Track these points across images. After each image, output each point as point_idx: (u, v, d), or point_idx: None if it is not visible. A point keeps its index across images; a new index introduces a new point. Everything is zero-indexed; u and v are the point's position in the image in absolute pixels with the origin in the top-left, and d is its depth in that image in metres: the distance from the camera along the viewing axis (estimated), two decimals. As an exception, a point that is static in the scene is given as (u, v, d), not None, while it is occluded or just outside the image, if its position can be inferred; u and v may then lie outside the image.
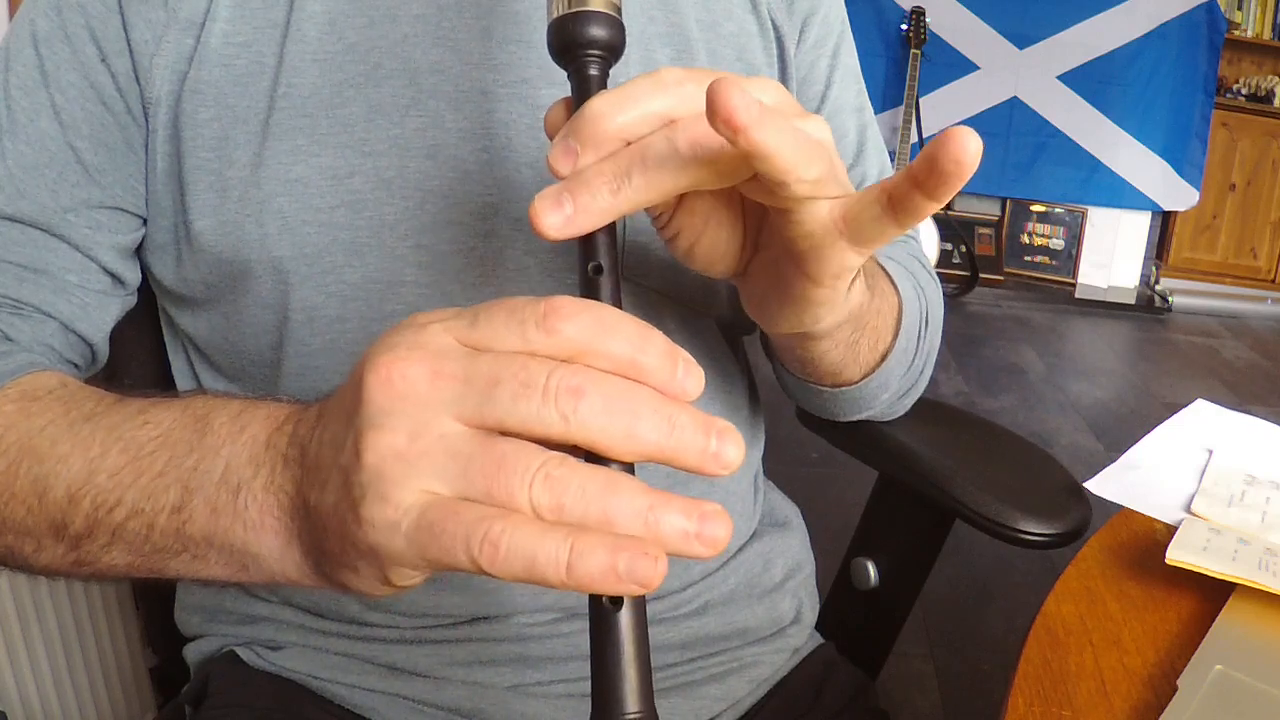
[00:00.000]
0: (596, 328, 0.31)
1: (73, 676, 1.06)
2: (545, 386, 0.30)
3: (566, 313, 0.31)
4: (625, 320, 0.31)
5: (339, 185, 0.54)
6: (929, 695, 1.70)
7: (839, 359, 0.56)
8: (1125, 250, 4.49)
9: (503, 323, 0.31)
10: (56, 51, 0.53)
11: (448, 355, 0.31)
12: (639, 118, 0.36)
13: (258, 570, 0.40)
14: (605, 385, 0.30)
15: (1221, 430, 0.73)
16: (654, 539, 0.29)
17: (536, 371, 0.30)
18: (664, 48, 0.60)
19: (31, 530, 0.45)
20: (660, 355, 0.31)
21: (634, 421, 0.30)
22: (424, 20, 0.55)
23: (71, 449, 0.44)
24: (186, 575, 0.43)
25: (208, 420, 0.41)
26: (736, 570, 0.68)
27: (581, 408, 0.30)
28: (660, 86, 0.36)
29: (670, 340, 0.32)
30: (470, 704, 0.59)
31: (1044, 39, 4.19)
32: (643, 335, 0.31)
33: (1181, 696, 0.45)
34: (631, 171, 0.35)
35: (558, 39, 0.40)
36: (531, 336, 0.31)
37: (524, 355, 0.31)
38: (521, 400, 0.30)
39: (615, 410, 0.30)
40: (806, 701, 0.68)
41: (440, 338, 0.32)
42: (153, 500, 0.41)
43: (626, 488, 0.30)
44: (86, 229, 0.55)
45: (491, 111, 0.56)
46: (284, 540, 0.38)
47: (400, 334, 0.32)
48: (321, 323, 0.56)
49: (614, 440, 0.30)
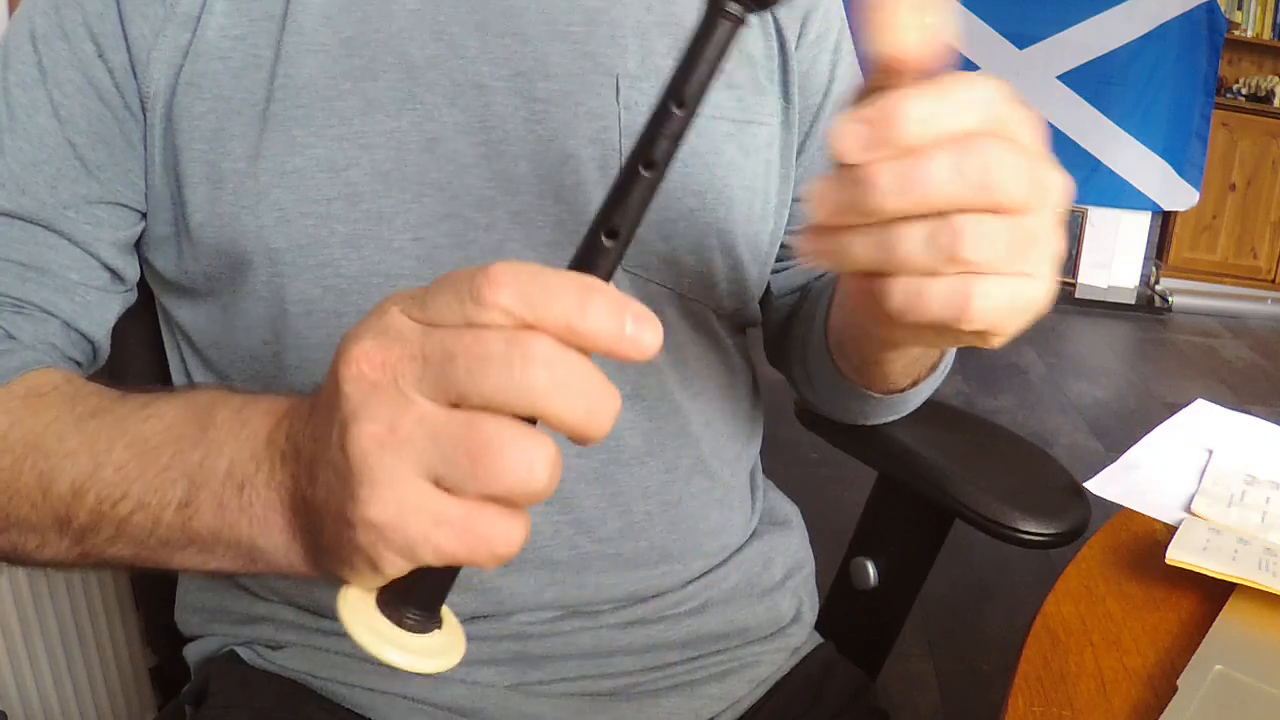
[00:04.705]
0: (532, 294, 0.30)
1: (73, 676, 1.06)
2: (494, 355, 0.30)
3: (501, 281, 0.30)
4: (564, 281, 0.30)
5: (336, 178, 0.54)
6: (929, 695, 1.70)
7: (902, 368, 0.58)
8: (1125, 250, 4.49)
9: (445, 299, 0.31)
10: (54, 48, 0.54)
11: (405, 337, 0.31)
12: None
13: (264, 563, 0.40)
14: (548, 356, 0.30)
15: (1221, 430, 0.73)
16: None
17: (487, 344, 0.30)
18: (661, 37, 0.60)
19: (36, 526, 0.45)
20: (605, 313, 0.30)
21: (583, 387, 0.30)
22: (419, 14, 0.56)
23: (78, 445, 0.44)
24: (192, 567, 0.43)
25: (211, 414, 0.41)
26: (736, 569, 0.68)
27: (534, 378, 0.30)
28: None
29: (618, 292, 0.31)
30: (470, 703, 0.59)
31: (1044, 39, 4.19)
32: (582, 296, 0.30)
33: (1181, 696, 0.45)
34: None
35: None
36: (469, 310, 0.30)
37: (473, 329, 0.30)
38: (478, 374, 0.30)
39: (562, 383, 0.30)
40: (806, 701, 0.68)
41: (398, 320, 0.32)
42: (158, 495, 0.41)
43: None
44: (86, 225, 0.55)
45: (488, 105, 0.56)
46: (288, 536, 0.38)
47: (366, 324, 0.33)
48: (319, 316, 0.56)
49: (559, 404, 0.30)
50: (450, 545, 0.31)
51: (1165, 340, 4.04)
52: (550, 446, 0.31)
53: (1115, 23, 4.14)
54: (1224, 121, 4.40)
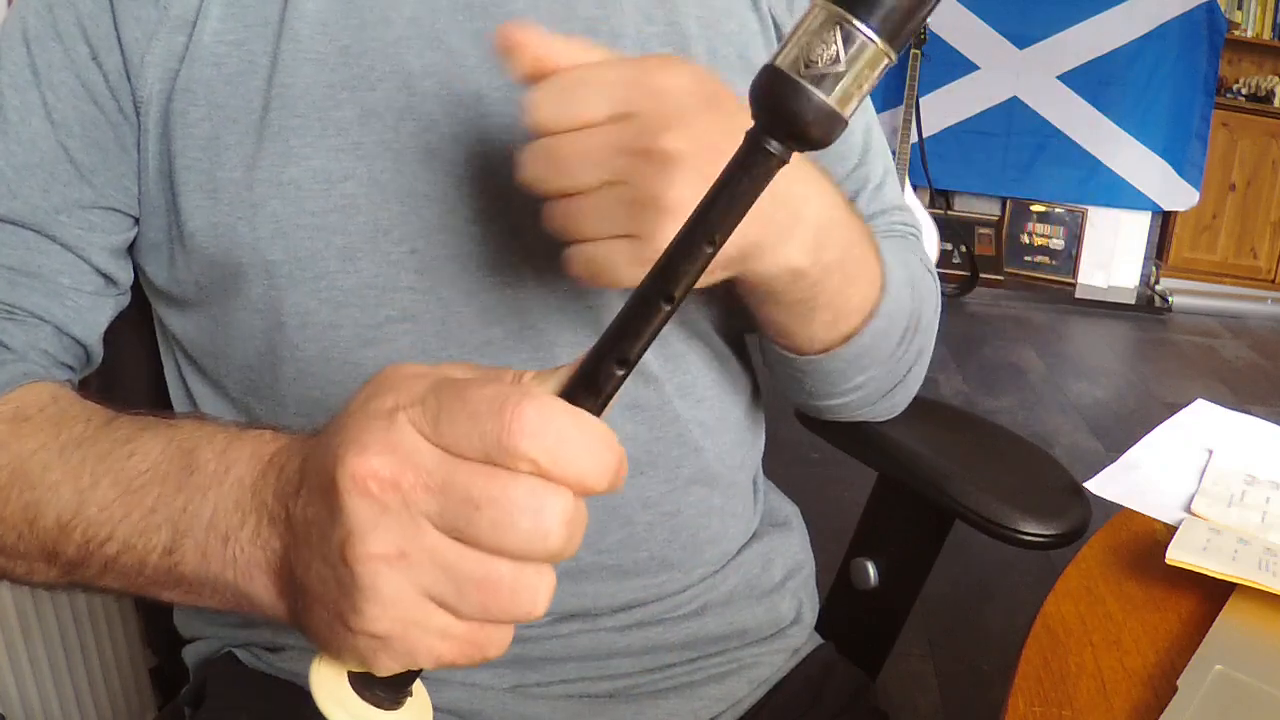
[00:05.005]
0: (558, 452, 0.31)
1: (73, 677, 1.06)
2: (519, 512, 0.30)
3: (528, 431, 0.30)
4: (586, 439, 0.31)
5: (332, 189, 0.53)
6: (929, 695, 1.70)
7: (785, 322, 0.56)
8: (1125, 250, 4.49)
9: (464, 429, 0.31)
10: (48, 50, 0.53)
11: (419, 462, 0.31)
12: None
13: (252, 609, 0.40)
14: (568, 519, 0.31)
15: (1221, 430, 0.73)
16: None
17: (513, 498, 0.31)
18: (662, 47, 0.59)
19: (24, 554, 0.45)
20: (616, 474, 0.32)
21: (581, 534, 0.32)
22: (417, 23, 0.55)
23: (62, 477, 0.44)
24: (183, 604, 0.43)
25: (194, 456, 0.41)
26: (736, 571, 0.68)
27: (550, 544, 0.31)
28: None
29: (621, 450, 0.32)
30: (469, 705, 0.59)
31: (1044, 39, 4.19)
32: (603, 459, 0.32)
33: (1181, 696, 0.45)
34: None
35: (765, 96, 0.31)
36: (492, 452, 0.31)
37: (495, 476, 0.31)
38: (501, 529, 0.31)
39: (574, 538, 0.32)
40: (806, 702, 0.68)
41: (408, 436, 0.31)
42: (144, 539, 0.41)
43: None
44: (78, 230, 0.55)
45: (485, 115, 0.55)
46: (274, 594, 0.38)
47: (369, 430, 0.32)
48: (315, 329, 0.55)
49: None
50: (450, 655, 0.33)
51: (1165, 340, 4.04)
52: (552, 579, 0.32)
53: (1115, 23, 4.14)
54: (1224, 121, 4.39)
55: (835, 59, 0.29)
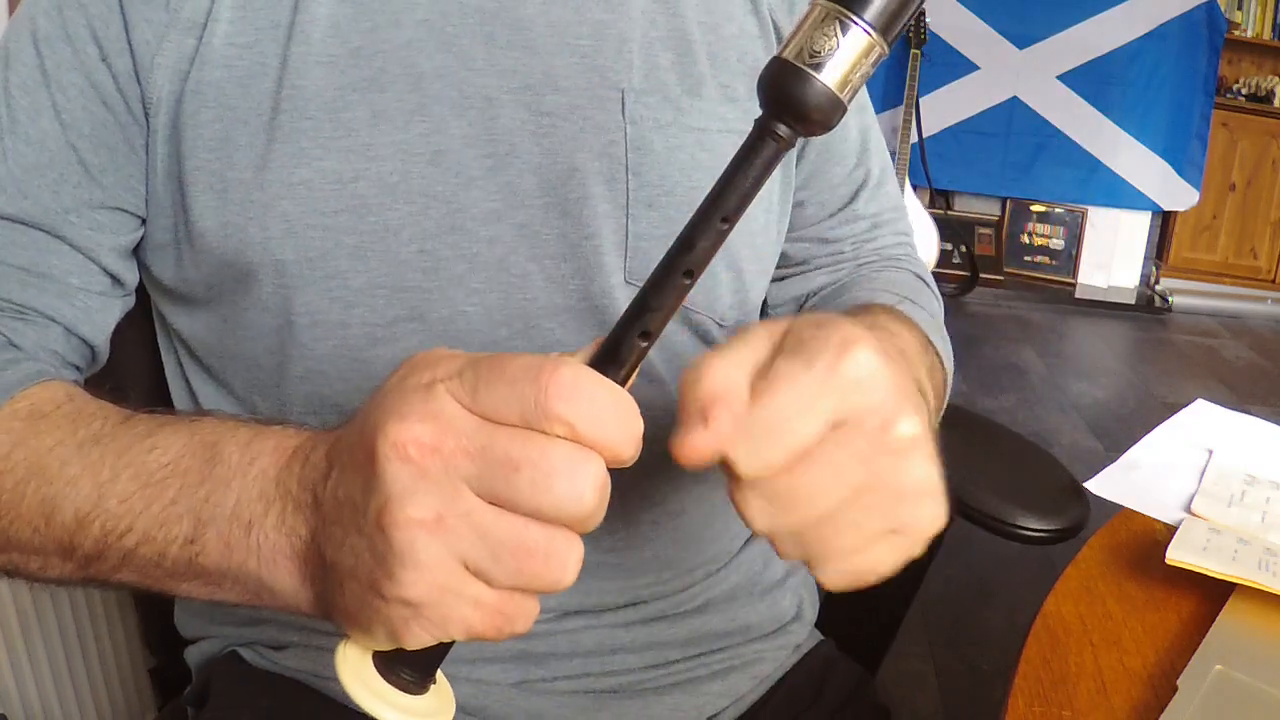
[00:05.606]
0: (592, 417, 0.32)
1: (73, 677, 1.06)
2: (557, 473, 0.32)
3: (565, 395, 0.32)
4: (616, 408, 0.33)
5: (343, 189, 0.54)
6: (929, 694, 1.70)
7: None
8: (1125, 250, 4.49)
9: (502, 394, 0.32)
10: (57, 51, 0.53)
11: (459, 428, 0.32)
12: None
13: (272, 600, 0.40)
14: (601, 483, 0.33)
15: (1221, 430, 0.73)
16: None
17: (552, 460, 0.32)
18: (665, 51, 0.60)
19: (39, 550, 0.45)
20: (638, 443, 0.34)
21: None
22: (428, 25, 0.55)
23: (80, 471, 0.44)
24: (199, 597, 0.43)
25: (217, 449, 0.41)
26: (738, 568, 0.68)
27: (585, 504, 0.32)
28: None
29: (640, 419, 0.34)
30: (475, 701, 0.59)
31: (1044, 39, 4.19)
32: (630, 429, 0.34)
33: (1181, 696, 0.45)
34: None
35: (772, 84, 0.34)
36: (530, 416, 0.32)
37: (534, 440, 0.32)
38: (540, 489, 0.32)
39: (602, 504, 0.33)
40: (808, 697, 0.68)
41: (448, 405, 0.32)
42: (164, 530, 0.41)
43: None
44: (88, 230, 0.55)
45: (495, 118, 0.56)
46: (297, 581, 0.39)
47: (408, 400, 0.33)
48: (325, 327, 0.56)
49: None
50: (480, 626, 0.33)
51: (1165, 340, 4.04)
52: (581, 549, 0.33)
53: (1115, 23, 4.14)
54: (1224, 121, 4.40)
55: (834, 49, 0.33)
